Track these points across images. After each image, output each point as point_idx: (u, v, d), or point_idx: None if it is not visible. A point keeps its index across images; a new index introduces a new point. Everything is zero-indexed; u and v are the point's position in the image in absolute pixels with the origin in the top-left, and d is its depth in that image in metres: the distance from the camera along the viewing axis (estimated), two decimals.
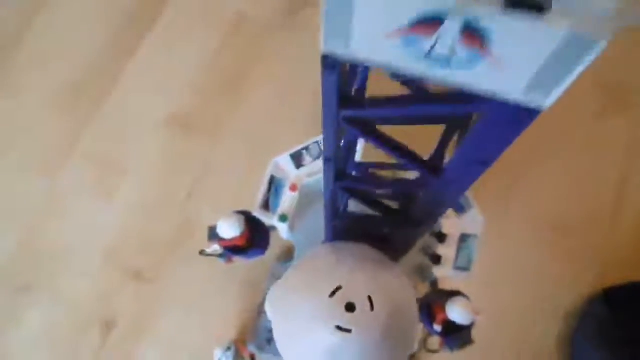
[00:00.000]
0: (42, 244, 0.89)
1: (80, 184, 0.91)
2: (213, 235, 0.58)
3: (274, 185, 0.61)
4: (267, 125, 0.94)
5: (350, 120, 0.23)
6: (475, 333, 0.56)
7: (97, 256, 0.87)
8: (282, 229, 0.61)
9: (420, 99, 0.21)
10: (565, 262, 0.84)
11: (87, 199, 0.90)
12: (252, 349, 0.78)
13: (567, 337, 0.82)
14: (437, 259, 0.60)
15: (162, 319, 0.83)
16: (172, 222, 0.88)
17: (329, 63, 0.19)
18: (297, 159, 0.61)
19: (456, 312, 0.51)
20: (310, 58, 0.96)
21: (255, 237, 0.61)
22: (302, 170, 0.61)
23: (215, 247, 0.58)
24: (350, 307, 0.37)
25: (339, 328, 0.37)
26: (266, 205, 0.60)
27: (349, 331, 0.37)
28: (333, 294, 0.38)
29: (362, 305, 0.37)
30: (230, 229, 0.55)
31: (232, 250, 0.60)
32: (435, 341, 0.63)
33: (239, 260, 0.65)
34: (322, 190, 0.66)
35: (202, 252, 0.65)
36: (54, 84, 0.98)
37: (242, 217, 0.57)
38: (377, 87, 0.33)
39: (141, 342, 0.82)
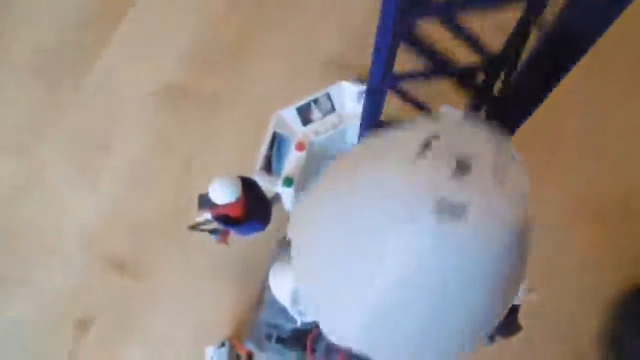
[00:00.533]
0: (15, 231, 0.79)
1: (61, 166, 0.81)
2: (204, 202, 0.49)
3: (278, 144, 0.51)
4: (269, 103, 0.85)
5: None
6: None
7: (77, 245, 0.76)
8: (287, 196, 0.52)
9: None
10: (607, 249, 0.75)
11: (67, 182, 0.80)
12: (250, 346, 0.68)
13: (610, 328, 0.73)
14: None
15: (148, 314, 0.73)
16: (162, 206, 0.78)
17: None
18: (305, 114, 0.52)
19: None
20: (316, 29, 0.88)
21: (254, 207, 0.51)
22: (311, 127, 0.52)
23: (207, 217, 0.49)
24: (462, 167, 0.19)
25: (441, 208, 0.17)
26: (268, 167, 0.51)
27: (461, 212, 0.17)
28: (425, 149, 0.19)
29: (483, 166, 0.19)
30: (224, 193, 0.46)
31: (226, 222, 0.50)
32: None
33: (235, 237, 0.55)
34: (334, 152, 0.57)
35: (193, 227, 0.55)
36: (32, 56, 0.88)
37: (239, 181, 0.48)
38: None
39: (125, 341, 0.72)
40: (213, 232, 0.56)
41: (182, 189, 0.77)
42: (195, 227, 0.56)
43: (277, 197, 0.58)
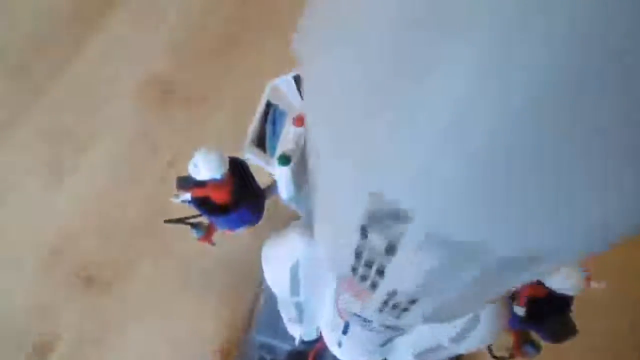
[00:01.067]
0: None
1: (28, 164, 0.73)
2: (184, 183, 0.41)
3: (273, 118, 0.44)
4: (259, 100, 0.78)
5: None
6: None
7: (40, 254, 0.67)
8: (282, 178, 0.43)
9: None
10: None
11: (32, 184, 0.72)
12: None
13: None
14: None
15: (120, 332, 0.62)
16: (140, 209, 0.69)
17: None
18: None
19: (562, 276, 0.33)
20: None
21: (242, 192, 0.43)
22: None
23: (185, 197, 0.40)
24: None
25: None
26: (261, 144, 0.43)
27: None
28: None
29: None
30: (207, 167, 0.38)
31: (210, 209, 0.42)
32: (506, 342, 0.44)
33: (221, 237, 0.47)
34: None
35: (171, 220, 0.47)
36: (5, 47, 0.82)
37: (225, 157, 0.40)
38: None
39: None
40: (195, 226, 0.47)
41: (163, 191, 0.69)
42: (173, 221, 0.47)
43: (272, 188, 0.50)
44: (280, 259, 0.31)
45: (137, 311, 0.63)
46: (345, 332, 0.34)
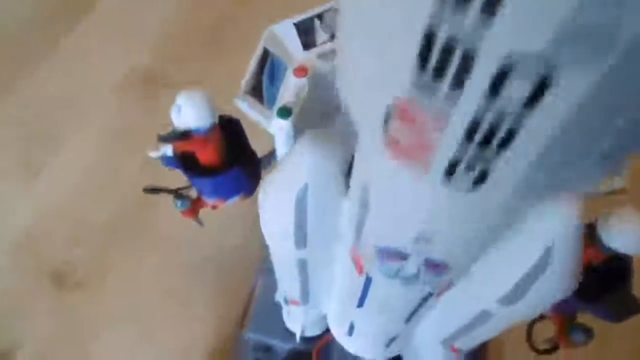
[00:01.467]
0: None
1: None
2: (167, 134, 0.35)
3: (270, 69, 0.38)
4: None
5: None
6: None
7: (5, 253, 0.60)
8: (281, 134, 0.37)
9: None
10: None
11: (5, 180, 0.65)
12: None
13: None
14: None
15: (95, 339, 0.55)
16: (117, 205, 0.62)
17: None
18: (305, 33, 0.39)
19: (626, 232, 0.27)
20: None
21: (234, 152, 0.37)
22: (313, 51, 0.39)
23: (166, 151, 0.34)
24: None
25: None
26: (257, 92, 0.37)
27: None
28: None
29: None
30: (193, 112, 0.32)
31: (195, 171, 0.36)
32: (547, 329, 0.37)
33: (208, 204, 0.40)
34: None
35: (150, 189, 0.41)
36: None
37: (215, 105, 0.35)
38: None
39: None
40: (179, 196, 0.41)
41: (142, 187, 0.63)
42: (155, 190, 0.41)
43: (270, 156, 0.44)
44: (284, 186, 0.25)
45: (114, 314, 0.56)
46: (361, 302, 0.27)
